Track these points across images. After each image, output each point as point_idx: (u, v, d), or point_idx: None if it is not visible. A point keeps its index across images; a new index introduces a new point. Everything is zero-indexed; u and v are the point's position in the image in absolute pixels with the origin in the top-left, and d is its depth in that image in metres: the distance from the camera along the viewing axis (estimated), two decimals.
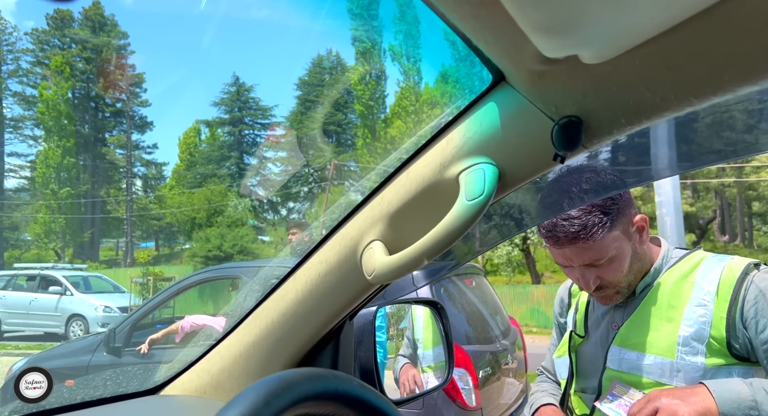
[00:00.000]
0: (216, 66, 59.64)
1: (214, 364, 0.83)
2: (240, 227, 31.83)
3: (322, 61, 45.24)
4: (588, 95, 0.55)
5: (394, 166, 0.74)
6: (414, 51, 32.91)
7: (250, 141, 45.50)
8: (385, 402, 0.56)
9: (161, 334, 3.45)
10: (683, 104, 0.51)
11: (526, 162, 0.62)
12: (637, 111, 0.54)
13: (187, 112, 60.66)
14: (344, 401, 0.52)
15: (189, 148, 43.48)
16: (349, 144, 42.50)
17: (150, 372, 0.90)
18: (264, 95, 50.62)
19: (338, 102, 43.16)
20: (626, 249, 1.09)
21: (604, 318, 1.19)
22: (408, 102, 32.15)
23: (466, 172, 0.64)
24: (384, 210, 0.72)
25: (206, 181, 40.12)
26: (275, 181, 44.74)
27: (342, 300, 0.77)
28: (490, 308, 3.73)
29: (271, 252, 30.69)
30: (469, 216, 0.61)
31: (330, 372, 0.53)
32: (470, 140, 0.64)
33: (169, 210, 37.77)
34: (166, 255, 40.45)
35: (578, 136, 0.56)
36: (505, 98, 0.62)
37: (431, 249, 0.64)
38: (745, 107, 0.63)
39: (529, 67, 0.55)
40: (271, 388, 0.44)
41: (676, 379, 1.04)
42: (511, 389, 3.59)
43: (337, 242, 0.77)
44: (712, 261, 1.11)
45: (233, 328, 0.86)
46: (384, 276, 0.69)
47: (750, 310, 1.01)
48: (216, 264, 22.43)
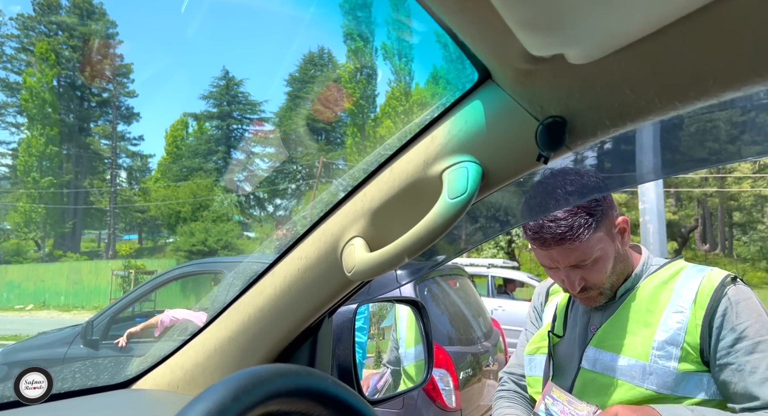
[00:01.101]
0: (205, 58, 59.14)
1: (188, 359, 0.82)
2: (225, 222, 31.62)
3: (314, 58, 45.11)
4: (573, 96, 0.55)
5: (377, 162, 0.73)
6: (406, 50, 32.94)
7: (238, 135, 45.18)
8: (359, 401, 0.55)
9: (140, 328, 3.40)
10: (667, 108, 0.51)
11: (510, 161, 0.62)
12: (621, 113, 0.53)
13: (175, 104, 60.10)
14: (317, 398, 0.51)
15: (176, 141, 43.06)
16: (338, 142, 42.41)
17: (122, 366, 0.88)
18: (253, 90, 50.31)
19: None
20: (610, 250, 1.11)
21: (582, 319, 1.21)
22: (398, 102, 32.16)
23: (450, 169, 0.64)
24: (366, 207, 0.71)
25: (192, 174, 39.75)
26: (262, 177, 44.50)
27: (321, 297, 0.76)
28: (473, 309, 3.74)
29: (256, 249, 30.51)
30: (452, 214, 0.61)
31: (304, 368, 0.51)
32: (454, 138, 0.64)
33: (154, 203, 37.37)
34: (149, 248, 40.01)
35: (562, 136, 0.56)
36: (490, 96, 0.61)
37: (412, 247, 0.64)
38: (728, 117, 0.63)
39: (515, 65, 0.55)
40: (240, 383, 0.43)
41: (648, 382, 1.06)
42: (491, 391, 3.61)
43: (318, 238, 0.76)
44: (692, 271, 1.13)
45: (209, 323, 0.85)
46: (364, 273, 0.68)
47: (717, 320, 1.04)
48: (200, 258, 22.25)
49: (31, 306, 24.11)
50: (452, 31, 0.54)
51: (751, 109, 0.60)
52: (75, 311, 22.69)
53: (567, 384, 1.18)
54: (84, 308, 23.09)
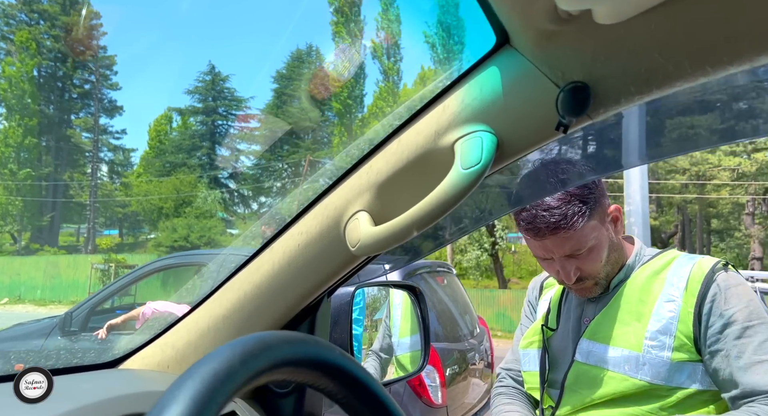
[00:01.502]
0: (191, 53, 58.53)
1: (179, 338, 0.78)
2: (208, 219, 31.28)
3: (301, 55, 44.88)
4: (598, 60, 0.53)
5: (384, 133, 0.70)
6: (394, 50, 32.94)
7: (223, 132, 44.75)
8: (368, 375, 0.52)
9: (121, 320, 3.32)
10: (697, 74, 0.49)
11: (527, 131, 0.59)
12: (648, 79, 0.51)
13: (159, 98, 59.34)
14: (325, 369, 0.48)
15: (159, 136, 42.50)
16: (324, 141, 42.24)
17: (109, 346, 0.84)
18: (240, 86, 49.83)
19: (315, 98, 42.87)
20: (604, 239, 1.10)
21: (576, 312, 1.20)
22: (385, 103, 32.17)
23: (463, 139, 0.61)
24: (372, 180, 0.69)
25: (175, 170, 39.26)
26: (247, 174, 44.14)
27: (322, 274, 0.73)
28: (460, 307, 3.73)
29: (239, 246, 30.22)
30: (465, 185, 0.58)
31: (311, 337, 0.48)
32: (468, 107, 0.61)
33: (136, 197, 36.81)
34: (130, 243, 39.41)
35: (585, 103, 0.54)
36: (508, 62, 0.59)
37: (422, 220, 0.61)
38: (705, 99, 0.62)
39: (539, 25, 0.52)
40: (247, 347, 0.40)
41: (641, 373, 1.05)
42: (476, 389, 3.60)
43: (320, 212, 0.73)
44: (684, 259, 1.13)
45: (201, 302, 0.81)
46: (369, 247, 0.65)
47: (706, 306, 1.04)
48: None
49: (6, 300, 23.57)
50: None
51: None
52: (52, 305, 22.23)
53: (560, 378, 1.16)
54: (61, 302, 22.62)
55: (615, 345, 1.09)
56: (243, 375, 0.38)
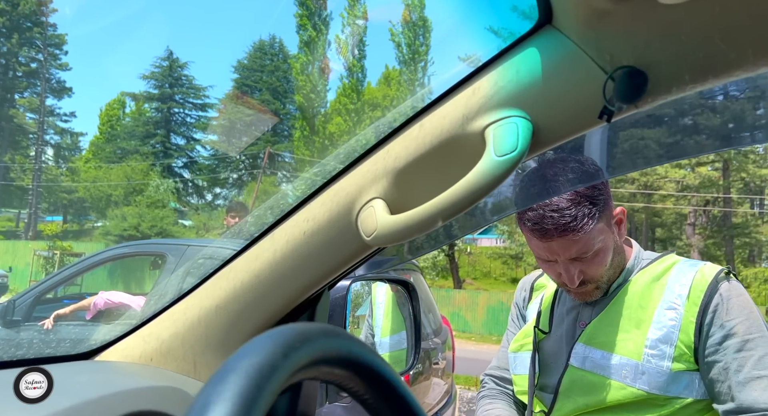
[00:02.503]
0: (148, 37, 56.45)
1: (165, 329, 0.71)
2: (161, 208, 30.23)
3: (264, 46, 44.06)
4: (652, 44, 0.50)
5: (405, 116, 0.65)
6: (360, 47, 32.78)
7: (180, 120, 43.39)
8: (396, 376, 0.48)
9: (69, 310, 3.13)
10: (760, 63, 0.47)
11: (567, 118, 0.56)
12: (706, 66, 0.49)
13: (112, 81, 56.90)
14: (356, 368, 0.43)
15: (111, 121, 40.82)
16: (285, 135, 41.63)
17: (86, 335, 0.76)
18: (198, 74, 48.46)
19: (277, 90, 42.18)
20: (610, 242, 1.07)
21: (570, 314, 1.16)
22: (348, 99, 31.97)
23: (495, 125, 0.57)
24: (390, 166, 0.64)
25: (127, 157, 37.78)
26: (203, 164, 42.96)
27: (329, 264, 0.68)
28: (425, 306, 3.71)
29: (192, 237, 29.42)
30: (499, 173, 0.54)
31: (344, 331, 0.43)
32: (502, 89, 0.57)
33: (83, 183, 35.18)
34: (75, 231, 37.62)
35: (639, 89, 0.51)
36: (549, 44, 0.55)
37: (449, 209, 0.57)
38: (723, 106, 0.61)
39: (593, 3, 0.49)
40: (287, 339, 0.35)
41: (639, 382, 1.03)
42: (437, 389, 3.59)
43: (329, 198, 0.67)
44: (685, 265, 1.11)
45: (190, 291, 0.74)
46: (387, 237, 0.61)
47: (708, 316, 1.02)
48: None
49: None
50: None
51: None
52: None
53: (553, 382, 1.13)
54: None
55: (613, 351, 1.06)
56: (286, 371, 0.33)
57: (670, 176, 26.58)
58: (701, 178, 26.59)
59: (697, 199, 27.29)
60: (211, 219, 33.48)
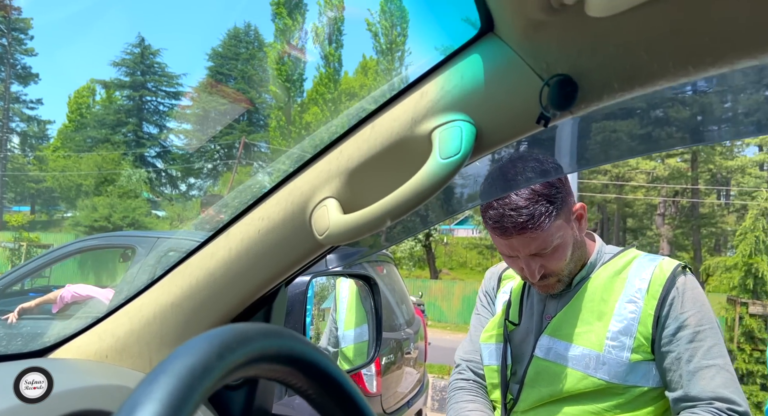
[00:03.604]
0: (119, 23, 54.89)
1: (121, 326, 0.72)
2: (133, 199, 29.63)
3: (239, 34, 43.30)
4: (584, 53, 0.52)
5: (357, 118, 0.67)
6: (337, 36, 32.48)
7: (152, 108, 42.46)
8: (341, 372, 0.50)
9: (35, 303, 3.06)
10: (680, 73, 0.50)
11: (508, 122, 0.58)
12: (632, 76, 0.52)
13: (81, 68, 55.28)
14: (299, 365, 0.45)
15: (80, 108, 39.72)
16: (261, 124, 41.12)
17: (39, 333, 0.76)
18: (171, 61, 47.40)
19: (252, 79, 41.57)
20: (569, 238, 1.11)
21: (538, 307, 1.20)
22: (326, 89, 31.72)
23: (441, 128, 0.59)
24: (342, 166, 0.65)
25: (98, 146, 36.85)
26: (176, 154, 42.20)
27: (283, 262, 0.69)
28: (398, 296, 3.76)
29: (165, 228, 28.92)
30: (443, 175, 0.57)
31: (287, 330, 0.45)
32: (448, 94, 0.59)
33: (51, 173, 34.23)
34: (43, 222, 36.64)
35: (571, 97, 0.53)
36: (491, 51, 0.58)
37: (397, 209, 0.59)
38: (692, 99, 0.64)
39: (528, 15, 0.51)
40: (224, 340, 0.36)
41: (600, 372, 1.07)
42: (409, 378, 3.65)
43: (284, 197, 0.69)
44: (645, 260, 1.15)
45: (146, 288, 0.75)
46: (339, 236, 0.62)
47: (665, 308, 1.07)
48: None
49: None
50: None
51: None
52: None
53: (520, 372, 1.17)
54: None
55: (576, 343, 1.10)
56: (220, 371, 0.35)
57: (641, 167, 27.19)
58: (671, 170, 27.27)
59: (666, 190, 27.99)
60: (185, 209, 32.97)
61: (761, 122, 0.58)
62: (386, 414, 3.09)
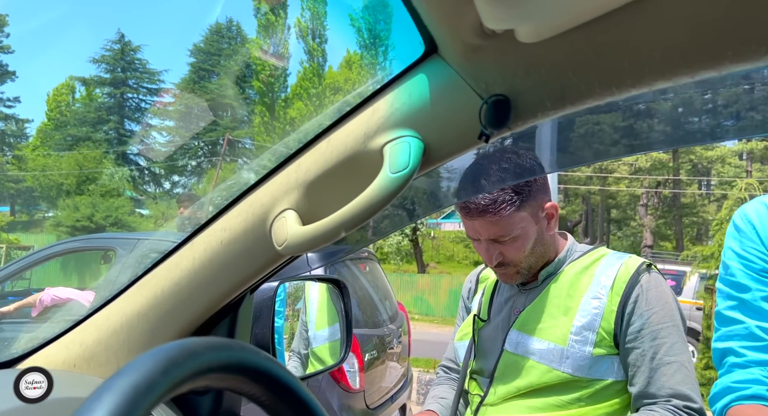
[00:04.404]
0: (98, 18, 53.98)
1: (88, 335, 0.74)
2: (116, 197, 29.27)
3: (221, 29, 42.86)
4: (518, 75, 0.56)
5: (314, 132, 0.70)
6: (320, 31, 32.30)
7: (134, 105, 41.92)
8: (292, 377, 0.53)
9: (14, 307, 3.04)
10: (605, 93, 0.53)
11: (453, 138, 0.62)
12: (562, 96, 0.55)
13: (60, 65, 54.32)
14: (249, 374, 0.48)
15: (59, 106, 39.08)
16: (245, 120, 40.81)
17: (17, 338, 0.78)
18: (153, 58, 46.80)
19: (235, 75, 41.20)
20: (531, 232, 1.14)
21: (507, 303, 1.24)
22: (310, 84, 31.57)
23: (392, 143, 0.62)
24: (301, 178, 0.68)
25: (78, 144, 36.30)
26: (160, 151, 41.75)
27: (245, 272, 0.72)
28: (381, 293, 3.80)
29: (150, 227, 28.62)
30: (392, 189, 0.60)
31: (236, 342, 0.48)
32: (397, 111, 0.62)
33: (31, 172, 33.67)
34: (24, 222, 36.06)
35: (506, 116, 0.57)
36: (435, 71, 0.61)
37: (350, 221, 0.62)
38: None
39: (465, 39, 0.54)
40: (170, 356, 0.39)
41: (564, 365, 1.11)
42: (393, 372, 3.70)
43: (245, 209, 0.72)
44: (612, 258, 1.19)
45: (114, 297, 0.77)
46: (296, 247, 0.65)
47: (629, 306, 1.11)
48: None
49: None
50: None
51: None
52: None
53: (489, 367, 1.21)
54: None
55: (542, 337, 1.14)
56: (165, 385, 0.38)
57: (623, 159, 27.52)
58: (653, 161, 27.66)
59: (649, 181, 28.40)
60: (170, 208, 32.68)
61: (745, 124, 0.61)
62: (370, 409, 3.14)
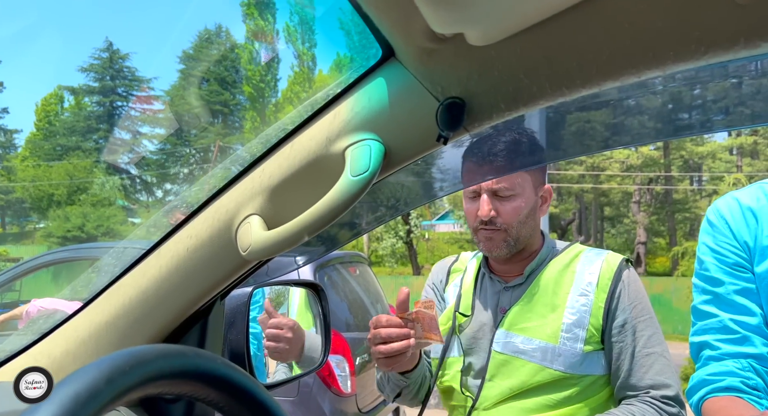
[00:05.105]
0: (85, 26, 53.76)
1: (56, 346, 0.73)
2: (107, 207, 29.11)
3: (210, 36, 42.79)
4: (472, 78, 0.56)
5: (277, 137, 0.70)
6: (309, 35, 32.32)
7: (123, 114, 41.71)
8: (251, 382, 0.53)
9: (1, 319, 3.02)
10: (556, 94, 0.54)
11: (412, 141, 0.62)
12: (515, 97, 0.56)
13: (48, 75, 53.99)
14: (205, 380, 0.48)
15: (48, 116, 38.85)
16: (236, 126, 40.72)
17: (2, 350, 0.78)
18: (141, 65, 46.62)
19: (226, 80, 41.14)
20: (529, 199, 1.18)
21: (492, 301, 1.23)
22: (301, 87, 31.57)
23: (353, 147, 0.63)
24: (264, 183, 0.68)
25: (68, 153, 36.08)
26: (151, 159, 41.56)
27: (213, 278, 0.72)
28: (372, 296, 3.79)
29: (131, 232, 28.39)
30: (354, 192, 0.60)
31: (191, 349, 0.48)
32: (358, 115, 0.63)
33: (21, 183, 33.43)
34: (14, 234, 35.80)
35: (461, 117, 0.57)
36: (393, 75, 0.61)
37: (312, 225, 0.62)
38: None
39: (419, 43, 0.55)
40: (115, 364, 0.39)
41: (556, 363, 1.12)
42: None
43: (210, 215, 0.72)
44: (591, 254, 1.22)
45: (81, 308, 0.77)
46: (260, 252, 0.65)
47: (613, 301, 1.15)
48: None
49: None
50: (357, 4, 0.53)
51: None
52: None
53: (480, 366, 1.20)
54: None
55: (532, 336, 1.15)
56: (109, 394, 0.38)
57: (615, 157, 27.68)
58: (644, 158, 27.82)
59: (641, 178, 28.56)
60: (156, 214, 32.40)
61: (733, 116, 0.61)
62: (362, 413, 3.13)
